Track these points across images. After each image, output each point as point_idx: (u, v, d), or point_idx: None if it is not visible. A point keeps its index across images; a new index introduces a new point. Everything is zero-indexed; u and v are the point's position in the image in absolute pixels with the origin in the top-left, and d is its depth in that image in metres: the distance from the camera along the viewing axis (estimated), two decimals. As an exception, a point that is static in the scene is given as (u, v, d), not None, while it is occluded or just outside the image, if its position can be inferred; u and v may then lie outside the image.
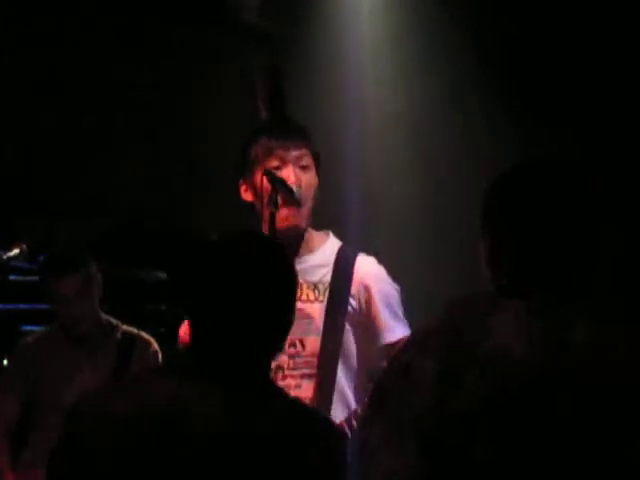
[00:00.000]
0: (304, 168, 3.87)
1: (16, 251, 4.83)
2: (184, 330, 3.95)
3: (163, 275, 5.91)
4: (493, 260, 2.54)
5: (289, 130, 3.98)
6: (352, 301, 3.90)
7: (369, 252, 3.99)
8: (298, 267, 3.74)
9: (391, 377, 2.58)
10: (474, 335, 2.44)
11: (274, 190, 3.75)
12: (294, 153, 3.86)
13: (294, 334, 3.75)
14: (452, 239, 5.26)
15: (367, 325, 3.88)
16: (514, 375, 2.38)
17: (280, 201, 3.76)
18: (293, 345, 3.87)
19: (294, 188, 3.77)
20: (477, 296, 2.54)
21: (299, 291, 3.84)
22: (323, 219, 3.98)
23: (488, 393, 2.38)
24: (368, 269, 3.93)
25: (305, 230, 3.93)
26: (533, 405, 2.37)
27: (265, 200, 3.80)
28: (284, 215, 3.85)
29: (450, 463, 2.40)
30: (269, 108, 5.25)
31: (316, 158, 3.95)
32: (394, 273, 3.94)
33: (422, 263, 5.10)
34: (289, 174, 3.82)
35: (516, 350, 2.38)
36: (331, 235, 4.01)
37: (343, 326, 3.88)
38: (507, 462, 2.38)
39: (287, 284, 2.69)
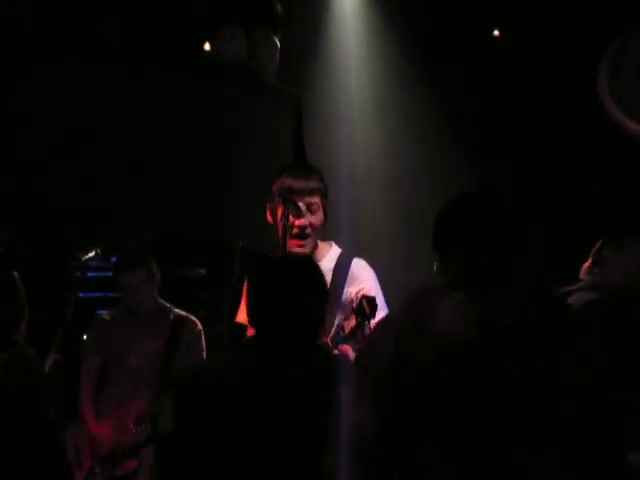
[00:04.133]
0: (313, 212, 3.96)
1: (92, 253, 4.95)
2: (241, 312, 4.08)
3: (203, 272, 5.92)
4: (442, 264, 2.76)
5: (305, 174, 4.03)
6: (350, 294, 3.97)
7: (357, 253, 4.10)
8: None
9: (365, 350, 2.82)
10: (426, 316, 2.62)
11: (286, 208, 3.89)
12: (306, 200, 3.94)
13: None
14: (419, 244, 5.26)
15: None
16: (454, 345, 2.56)
17: (291, 217, 3.89)
18: None
19: (302, 206, 3.90)
20: (428, 288, 2.74)
21: None
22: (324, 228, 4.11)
23: (435, 358, 2.56)
24: (360, 270, 4.05)
25: (315, 245, 4.03)
26: (468, 367, 2.54)
27: (279, 217, 3.91)
28: (295, 244, 3.93)
29: (406, 415, 2.59)
30: (292, 151, 5.36)
31: (324, 196, 4.02)
32: (374, 269, 4.08)
33: (396, 261, 5.21)
34: (301, 223, 3.94)
35: (456, 327, 2.58)
36: (334, 244, 4.12)
37: (337, 313, 3.95)
38: (449, 409, 2.54)
39: (320, 292, 3.10)
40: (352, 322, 3.59)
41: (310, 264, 3.15)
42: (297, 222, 3.93)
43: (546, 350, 2.54)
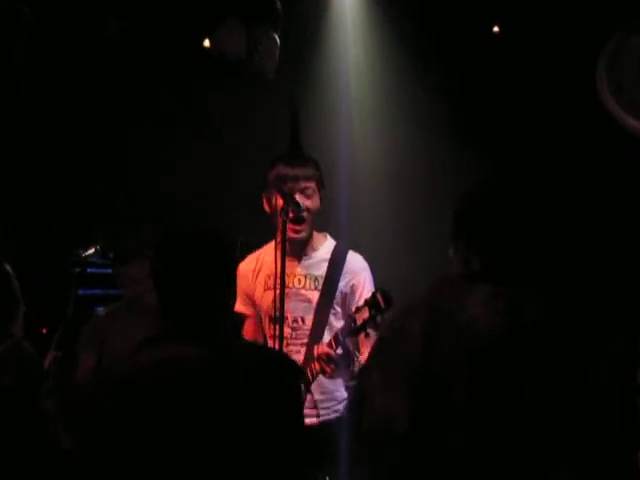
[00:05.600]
0: (308, 196, 4.01)
1: (92, 250, 4.88)
2: (246, 330, 4.09)
3: None
4: (464, 256, 2.72)
5: (300, 162, 4.09)
6: (341, 288, 4.01)
7: (356, 245, 4.14)
8: (307, 262, 4.06)
9: (388, 336, 2.73)
10: (452, 309, 2.61)
11: (285, 204, 3.89)
12: (301, 184, 4.00)
13: (298, 313, 4.01)
14: (419, 234, 5.37)
15: (350, 303, 3.98)
16: (481, 339, 2.55)
17: (291, 213, 3.90)
18: (296, 321, 4.01)
19: (301, 204, 3.93)
20: (450, 279, 2.72)
21: (304, 281, 4.03)
22: (323, 220, 4.16)
23: (462, 351, 2.55)
24: (355, 264, 4.07)
25: (310, 235, 4.08)
26: (495, 361, 2.54)
27: (278, 212, 3.91)
28: (292, 230, 3.96)
29: (432, 404, 2.55)
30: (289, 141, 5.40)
31: (320, 184, 4.06)
32: (375, 260, 4.12)
33: (396, 252, 5.23)
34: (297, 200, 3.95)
35: (483, 321, 2.57)
36: (328, 236, 4.15)
37: (331, 307, 4.00)
38: (475, 401, 2.52)
39: (227, 267, 2.70)
40: (365, 314, 3.62)
41: (218, 240, 2.72)
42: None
43: (570, 349, 2.54)
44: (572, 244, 5.31)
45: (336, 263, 4.04)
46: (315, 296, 4.02)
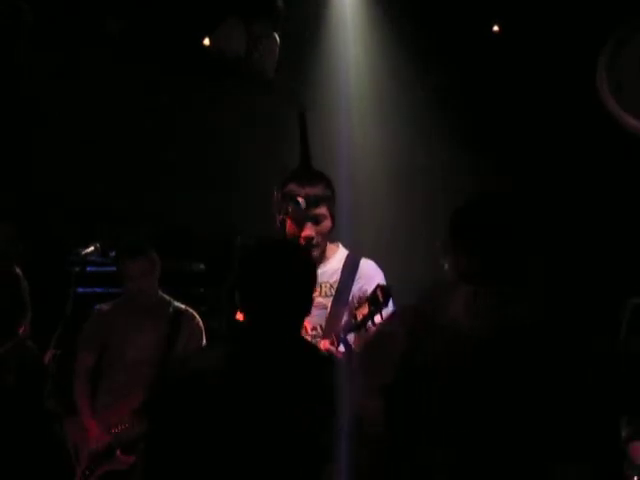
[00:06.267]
0: (320, 222, 3.94)
1: (91, 248, 4.89)
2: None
3: (202, 266, 5.88)
4: (454, 262, 2.75)
5: (311, 182, 3.98)
6: (354, 292, 3.96)
7: (356, 243, 4.12)
8: (321, 270, 3.94)
9: (374, 341, 2.81)
10: (436, 311, 2.64)
11: (284, 202, 3.86)
12: (311, 212, 3.91)
13: (316, 321, 3.94)
14: (419, 234, 5.31)
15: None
16: (462, 339, 2.57)
17: (290, 210, 3.85)
18: (314, 329, 3.96)
19: (301, 202, 3.86)
20: (441, 284, 2.77)
21: (320, 289, 3.95)
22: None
23: (442, 352, 2.58)
24: (368, 270, 4.02)
25: (325, 246, 4.02)
26: (476, 361, 2.55)
27: (279, 209, 3.88)
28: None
29: (413, 406, 2.57)
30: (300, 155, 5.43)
31: (332, 204, 4.00)
32: (374, 260, 4.04)
33: (396, 252, 5.12)
34: (307, 234, 3.92)
35: (464, 322, 2.59)
36: (340, 245, 4.10)
37: (344, 312, 3.94)
38: (454, 403, 2.54)
39: (307, 277, 2.91)
40: (364, 310, 3.59)
41: (300, 250, 2.97)
42: (304, 234, 3.91)
43: (554, 350, 2.55)
44: (568, 244, 5.31)
45: (349, 269, 4.01)
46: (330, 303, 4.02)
